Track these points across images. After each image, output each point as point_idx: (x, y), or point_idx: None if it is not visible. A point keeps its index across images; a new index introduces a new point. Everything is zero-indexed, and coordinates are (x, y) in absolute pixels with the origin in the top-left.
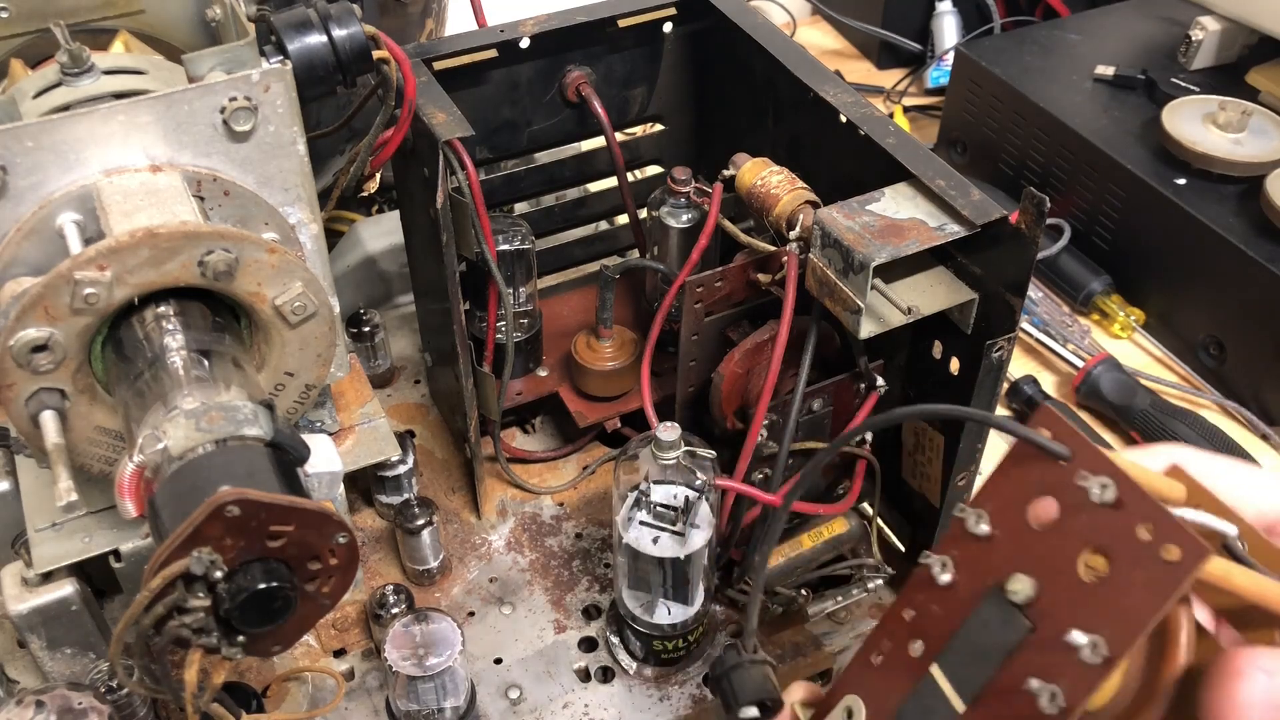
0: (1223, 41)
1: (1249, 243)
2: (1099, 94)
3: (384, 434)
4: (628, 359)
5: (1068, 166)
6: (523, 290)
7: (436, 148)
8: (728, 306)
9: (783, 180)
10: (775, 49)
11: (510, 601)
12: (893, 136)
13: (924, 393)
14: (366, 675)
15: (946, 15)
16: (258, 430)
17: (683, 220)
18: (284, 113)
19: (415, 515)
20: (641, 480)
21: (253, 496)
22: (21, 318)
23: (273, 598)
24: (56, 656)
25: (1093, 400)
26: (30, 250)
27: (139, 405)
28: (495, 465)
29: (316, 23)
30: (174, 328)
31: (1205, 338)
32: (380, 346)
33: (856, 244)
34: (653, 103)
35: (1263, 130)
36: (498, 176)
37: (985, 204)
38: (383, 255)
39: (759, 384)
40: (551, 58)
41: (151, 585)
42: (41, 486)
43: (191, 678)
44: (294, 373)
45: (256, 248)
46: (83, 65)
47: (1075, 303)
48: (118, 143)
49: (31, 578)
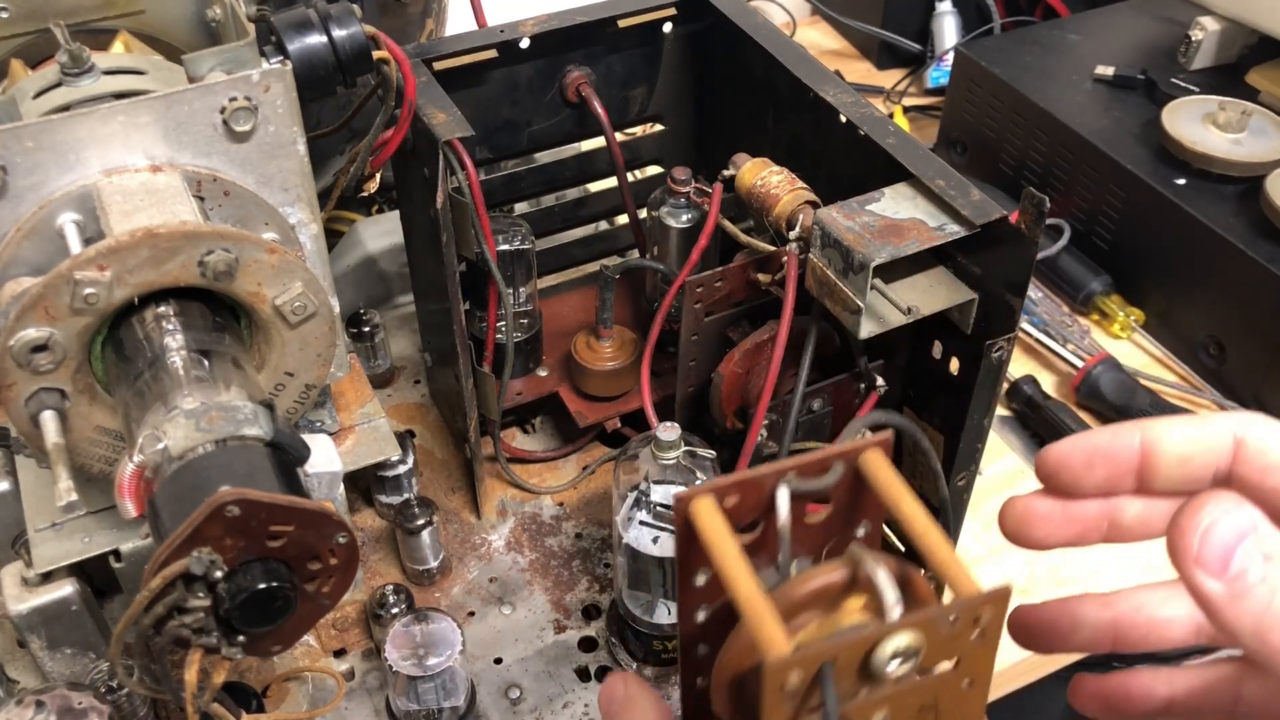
0: (1223, 41)
1: (1249, 243)
2: (1099, 94)
3: (384, 434)
4: (628, 359)
5: (1068, 166)
6: (523, 290)
7: (436, 148)
8: (728, 306)
9: (783, 180)
10: (775, 49)
11: (510, 601)
12: (893, 136)
13: (924, 393)
14: (366, 675)
15: (946, 15)
16: (258, 430)
17: (683, 220)
18: (284, 113)
19: (415, 515)
20: (641, 480)
21: (253, 496)
22: (21, 318)
23: (273, 598)
24: (56, 656)
25: (1092, 400)
26: (30, 250)
27: (139, 405)
28: (495, 465)
29: (316, 23)
30: (174, 328)
31: (1205, 338)
32: (380, 346)
33: (856, 244)
34: (653, 103)
35: (1263, 130)
36: (498, 176)
37: (985, 204)
38: (383, 255)
39: (759, 384)
40: (551, 58)
41: (151, 585)
42: (41, 486)
43: (191, 678)
44: (294, 373)
45: (256, 248)
46: (83, 65)
47: (1075, 303)
48: (118, 143)
49: (31, 578)
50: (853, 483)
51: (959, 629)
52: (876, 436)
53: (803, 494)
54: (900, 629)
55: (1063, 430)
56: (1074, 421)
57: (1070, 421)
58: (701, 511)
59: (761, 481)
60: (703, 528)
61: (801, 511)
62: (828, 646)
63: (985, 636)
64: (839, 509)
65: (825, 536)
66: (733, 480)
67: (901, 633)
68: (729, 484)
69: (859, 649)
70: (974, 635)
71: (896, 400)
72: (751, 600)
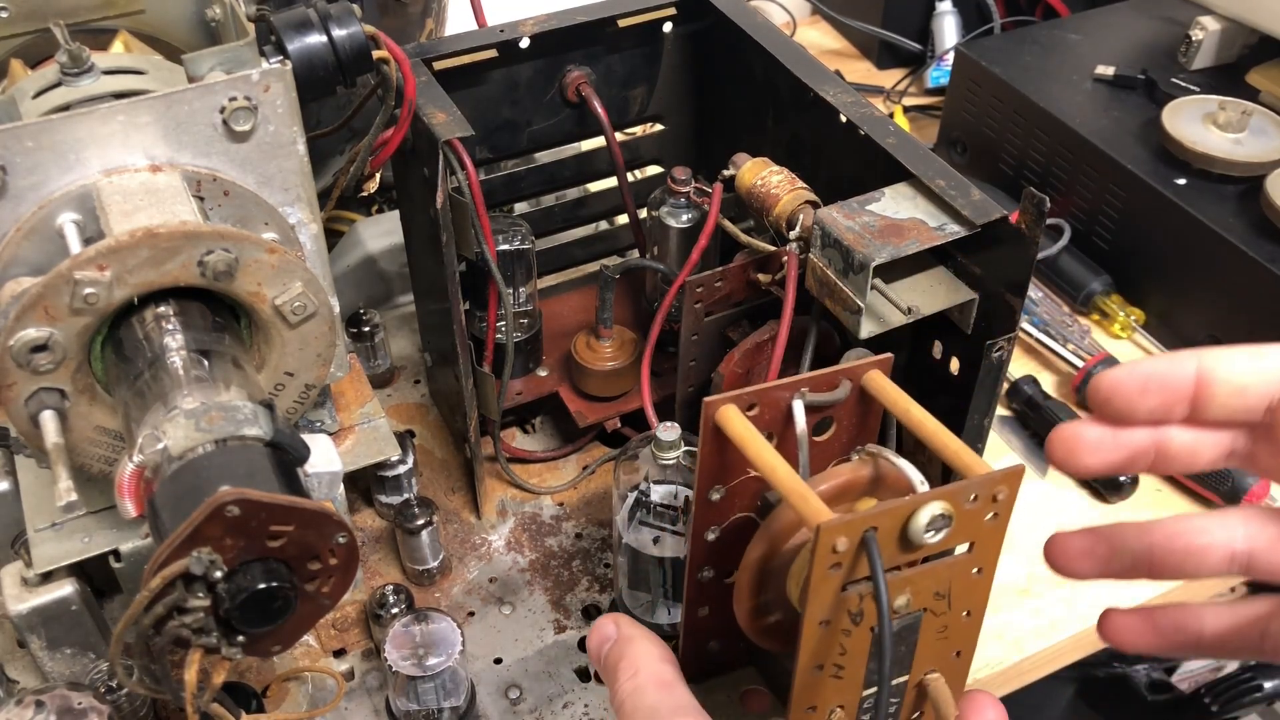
0: (1223, 41)
1: (1249, 243)
2: (1099, 94)
3: (384, 434)
4: (628, 359)
5: (1068, 166)
6: (523, 290)
7: (436, 148)
8: (728, 306)
9: (783, 180)
10: (775, 49)
11: (510, 601)
12: (893, 136)
13: (924, 393)
14: (366, 675)
15: (946, 15)
16: (258, 430)
17: (683, 220)
18: (284, 113)
19: (415, 515)
20: (641, 480)
21: (253, 496)
22: (21, 318)
23: (273, 598)
24: (56, 656)
25: None
26: (30, 250)
27: (139, 405)
28: (495, 465)
29: (316, 23)
30: (174, 328)
31: (1205, 338)
32: (380, 346)
33: (856, 244)
34: (653, 103)
35: (1263, 130)
36: (498, 176)
37: (985, 204)
38: (383, 255)
39: (759, 384)
40: (551, 58)
41: (151, 585)
42: (41, 486)
43: (191, 678)
44: (294, 373)
45: (256, 248)
46: (83, 65)
47: (1075, 303)
48: (118, 143)
49: (31, 578)
50: (856, 403)
51: (978, 506)
52: (878, 357)
53: (815, 406)
54: (933, 498)
55: None
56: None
57: None
58: (730, 417)
59: (779, 393)
60: (733, 431)
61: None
62: (872, 513)
63: (998, 517)
64: (840, 429)
65: (830, 456)
66: (754, 390)
67: (935, 501)
68: (751, 393)
69: (899, 516)
70: (989, 516)
71: None
72: (792, 480)
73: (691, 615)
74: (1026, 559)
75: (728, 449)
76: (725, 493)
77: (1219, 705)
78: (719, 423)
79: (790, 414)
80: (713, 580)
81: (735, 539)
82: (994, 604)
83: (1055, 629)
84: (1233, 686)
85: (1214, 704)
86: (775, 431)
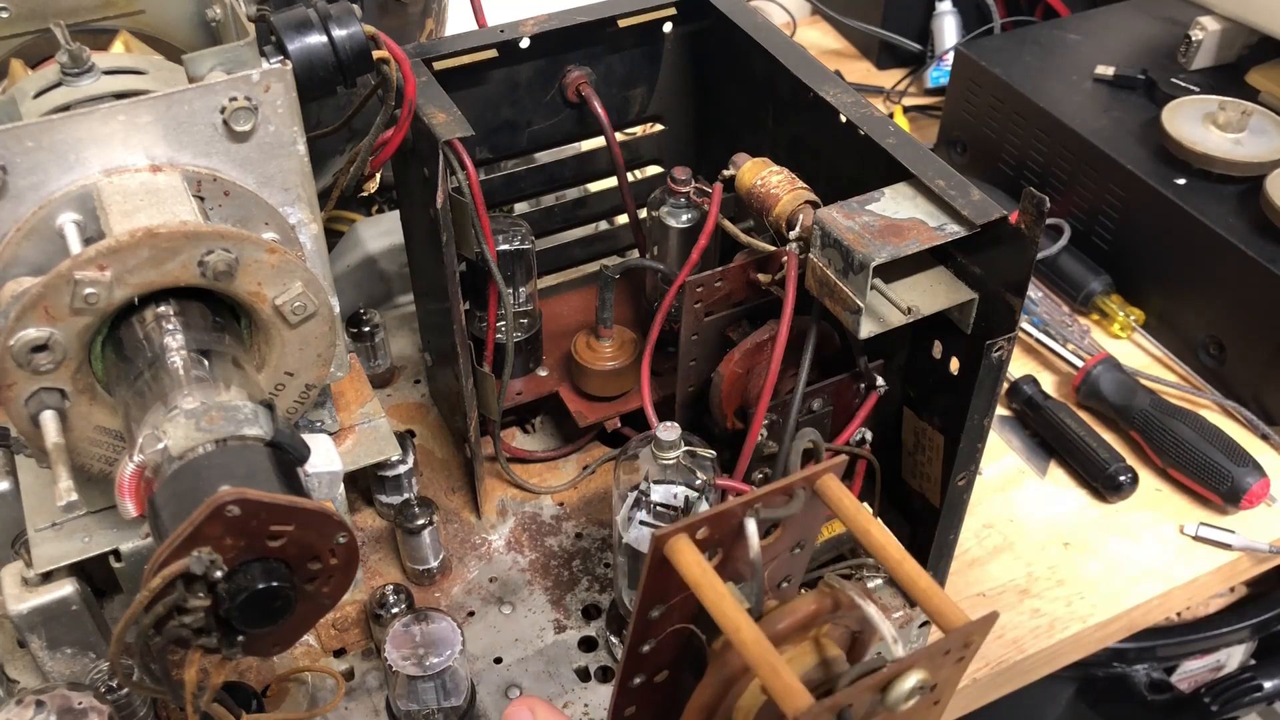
0: (1223, 41)
1: (1249, 243)
2: (1099, 94)
3: (384, 434)
4: (628, 359)
5: (1068, 166)
6: (523, 290)
7: (436, 148)
8: (728, 306)
9: (783, 180)
10: (775, 49)
11: (510, 601)
12: (893, 136)
13: (924, 393)
14: (366, 675)
15: (946, 15)
16: (258, 430)
17: (683, 220)
18: (284, 113)
19: (415, 515)
20: (641, 480)
21: (253, 496)
22: (21, 318)
23: (273, 598)
24: (56, 656)
25: (1093, 400)
26: (30, 250)
27: (139, 405)
28: (495, 465)
29: (316, 23)
30: (174, 328)
31: (1205, 338)
32: (380, 346)
33: (856, 244)
34: (653, 103)
35: (1263, 130)
36: (498, 176)
37: (985, 204)
38: (383, 255)
39: (759, 384)
40: (551, 58)
41: (151, 585)
42: (41, 486)
43: (191, 678)
44: (294, 373)
45: (256, 248)
46: (83, 65)
47: (1075, 303)
48: (118, 143)
49: (31, 578)
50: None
51: (949, 656)
52: (829, 463)
53: (768, 522)
54: (913, 666)
55: (1063, 430)
56: (1074, 421)
57: (1070, 421)
58: (680, 550)
59: (731, 514)
60: (684, 565)
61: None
62: (849, 693)
63: (963, 660)
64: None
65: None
66: (704, 517)
67: (915, 671)
68: (701, 520)
69: (878, 687)
70: (957, 661)
71: (896, 400)
72: (759, 647)
73: (618, 717)
74: (1026, 559)
75: (673, 575)
76: (665, 609)
77: (1219, 705)
78: (668, 556)
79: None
80: (643, 684)
81: (669, 642)
82: (994, 604)
83: (1055, 629)
84: (1233, 686)
85: (1214, 704)
86: (724, 544)
